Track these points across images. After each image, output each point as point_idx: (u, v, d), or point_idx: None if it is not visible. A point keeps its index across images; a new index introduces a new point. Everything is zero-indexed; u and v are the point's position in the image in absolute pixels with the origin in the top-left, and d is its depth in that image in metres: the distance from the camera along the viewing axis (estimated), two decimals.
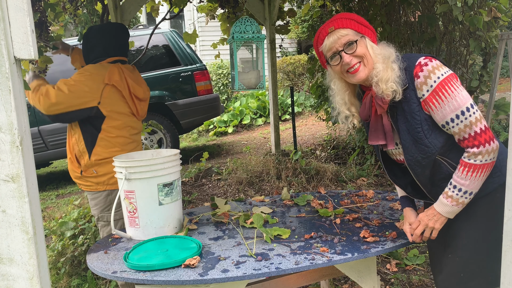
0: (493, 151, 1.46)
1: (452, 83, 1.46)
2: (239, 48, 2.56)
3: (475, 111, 1.45)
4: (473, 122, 1.45)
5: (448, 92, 1.45)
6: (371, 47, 1.55)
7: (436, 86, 1.46)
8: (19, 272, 1.10)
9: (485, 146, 1.45)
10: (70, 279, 3.24)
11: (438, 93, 1.46)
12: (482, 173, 1.47)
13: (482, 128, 1.45)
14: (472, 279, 1.59)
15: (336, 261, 1.64)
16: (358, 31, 1.56)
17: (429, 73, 1.47)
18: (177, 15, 4.47)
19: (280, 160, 4.93)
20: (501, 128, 4.80)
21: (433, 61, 1.49)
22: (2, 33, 1.01)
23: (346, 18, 1.57)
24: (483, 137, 1.45)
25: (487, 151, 1.45)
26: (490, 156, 1.47)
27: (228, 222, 2.16)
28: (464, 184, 1.49)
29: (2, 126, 1.04)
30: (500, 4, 3.57)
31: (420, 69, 1.48)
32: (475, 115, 1.45)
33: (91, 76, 2.37)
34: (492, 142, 1.46)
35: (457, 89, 1.46)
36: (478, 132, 1.45)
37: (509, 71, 3.93)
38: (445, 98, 1.46)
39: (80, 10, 4.38)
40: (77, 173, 2.49)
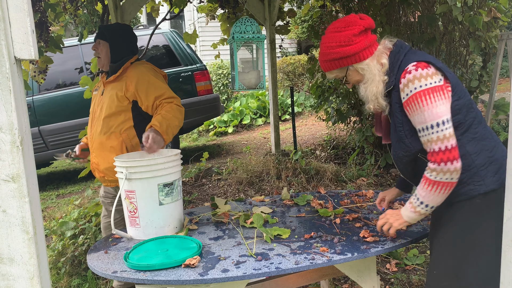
0: (450, 172, 1.48)
1: (429, 96, 1.48)
2: (239, 48, 2.57)
3: (444, 129, 1.48)
4: (436, 139, 1.49)
5: (420, 104, 1.49)
6: (361, 69, 1.63)
7: (412, 95, 1.51)
8: (20, 272, 1.10)
9: (440, 165, 1.48)
10: (71, 279, 3.24)
11: (412, 102, 1.51)
12: (438, 189, 1.52)
13: (445, 147, 1.48)
14: (444, 279, 1.61)
15: (336, 261, 1.64)
16: (342, 65, 1.63)
17: (408, 82, 1.51)
18: (177, 16, 4.47)
19: (280, 160, 4.94)
20: (501, 128, 4.81)
21: (421, 69, 1.50)
22: (2, 33, 1.02)
23: (325, 60, 1.66)
24: (440, 156, 1.48)
25: (442, 170, 1.49)
26: (446, 176, 1.49)
27: (228, 222, 2.16)
28: (421, 195, 1.56)
29: (2, 126, 1.04)
30: (500, 4, 3.57)
31: (404, 75, 1.53)
32: (441, 133, 1.48)
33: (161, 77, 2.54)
34: (452, 163, 1.48)
35: (431, 104, 1.48)
36: (436, 150, 1.49)
37: (508, 71, 3.94)
38: (416, 109, 1.51)
39: (80, 10, 4.39)
40: None
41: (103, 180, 2.55)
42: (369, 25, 1.62)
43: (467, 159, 1.54)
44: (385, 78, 1.61)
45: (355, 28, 1.59)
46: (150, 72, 2.49)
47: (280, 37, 5.50)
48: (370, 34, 1.63)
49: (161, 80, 2.51)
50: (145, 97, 2.41)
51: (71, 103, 5.81)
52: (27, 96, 5.63)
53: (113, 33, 2.56)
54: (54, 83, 5.90)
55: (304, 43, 12.62)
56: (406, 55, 1.59)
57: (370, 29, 1.64)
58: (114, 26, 2.66)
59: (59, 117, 5.79)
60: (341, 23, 1.62)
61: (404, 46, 1.63)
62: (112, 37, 2.53)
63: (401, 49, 1.62)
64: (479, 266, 1.55)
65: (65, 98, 5.87)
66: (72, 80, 5.88)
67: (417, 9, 4.20)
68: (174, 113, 2.35)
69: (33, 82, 5.55)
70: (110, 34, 2.54)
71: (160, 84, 2.45)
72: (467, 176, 1.55)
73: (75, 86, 5.82)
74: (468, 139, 1.55)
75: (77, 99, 5.65)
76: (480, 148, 1.55)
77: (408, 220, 1.64)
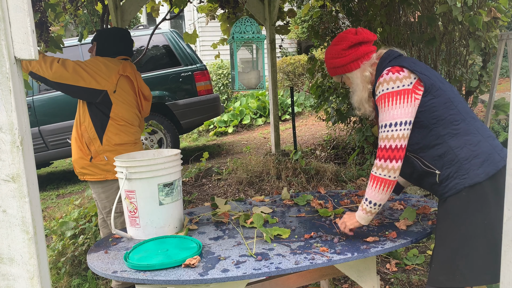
0: (388, 169, 1.64)
1: (391, 99, 1.64)
2: (239, 48, 2.57)
3: (395, 130, 1.63)
4: (385, 137, 1.65)
5: (382, 105, 1.66)
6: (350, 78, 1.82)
7: (379, 96, 1.68)
8: (20, 272, 1.10)
9: (381, 161, 1.65)
10: (71, 279, 3.24)
11: (379, 101, 1.68)
12: (378, 185, 1.66)
13: (390, 145, 1.63)
14: (441, 273, 1.68)
15: (336, 261, 1.64)
16: (336, 74, 1.85)
17: (379, 84, 1.68)
18: (177, 16, 4.47)
19: (280, 160, 4.94)
20: (501, 128, 4.81)
21: (392, 74, 1.65)
22: (2, 33, 1.02)
23: (328, 68, 1.87)
24: (383, 152, 1.65)
25: (382, 166, 1.65)
26: (384, 172, 1.64)
27: (228, 222, 2.16)
28: (367, 192, 1.72)
29: (2, 126, 1.05)
30: (500, 4, 3.57)
31: (380, 78, 1.69)
32: (391, 132, 1.63)
33: (105, 64, 2.54)
34: (391, 161, 1.62)
35: (390, 106, 1.64)
36: (382, 147, 1.65)
37: (508, 71, 3.94)
38: (380, 108, 1.68)
39: (80, 11, 4.39)
40: (86, 160, 2.56)
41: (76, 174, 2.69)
42: (362, 39, 1.77)
43: (450, 154, 1.64)
44: (369, 87, 1.79)
45: (344, 43, 1.78)
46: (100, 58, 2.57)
47: (280, 37, 5.51)
48: (363, 47, 1.78)
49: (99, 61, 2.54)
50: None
51: (71, 103, 5.77)
52: (27, 96, 5.62)
53: (101, 34, 2.75)
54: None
55: (304, 43, 12.62)
56: (390, 62, 1.73)
57: (365, 42, 1.78)
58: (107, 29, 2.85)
59: (59, 117, 5.78)
60: (337, 38, 1.82)
61: (392, 54, 1.77)
62: (98, 38, 2.72)
63: (388, 56, 1.76)
64: (472, 259, 1.61)
65: (65, 98, 5.82)
66: None
67: (417, 9, 4.20)
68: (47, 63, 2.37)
69: (33, 82, 5.55)
70: (98, 35, 2.74)
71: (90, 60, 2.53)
72: (452, 171, 1.64)
73: None
74: (450, 136, 1.65)
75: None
76: (463, 142, 1.64)
77: (359, 219, 1.77)
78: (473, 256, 1.61)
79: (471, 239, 1.61)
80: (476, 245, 1.60)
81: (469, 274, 1.61)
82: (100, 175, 2.58)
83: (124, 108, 2.59)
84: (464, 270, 1.62)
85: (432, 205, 2.18)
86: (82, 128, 2.57)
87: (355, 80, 1.80)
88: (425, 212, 2.09)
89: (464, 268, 1.62)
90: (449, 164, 1.64)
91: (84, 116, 2.58)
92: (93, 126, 2.54)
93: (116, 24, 3.69)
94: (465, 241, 1.62)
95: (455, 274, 1.63)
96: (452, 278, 1.64)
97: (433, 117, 1.64)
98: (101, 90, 2.50)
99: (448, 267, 1.65)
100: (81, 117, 2.60)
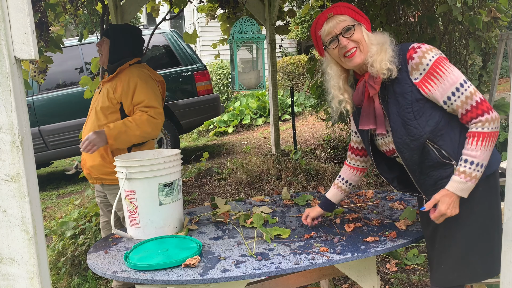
0: (497, 119, 1.51)
1: (445, 62, 1.55)
2: (239, 48, 2.57)
3: (470, 85, 1.53)
4: (473, 93, 1.52)
5: (444, 69, 1.53)
6: (366, 34, 1.63)
7: (432, 64, 1.53)
8: (20, 272, 1.10)
9: (489, 114, 1.50)
10: (71, 279, 3.24)
11: (435, 70, 1.53)
12: (490, 141, 1.51)
13: (480, 99, 1.52)
14: (452, 272, 1.63)
15: (336, 261, 1.64)
16: (355, 18, 1.64)
17: (423, 54, 1.54)
18: (177, 16, 4.47)
19: (280, 160, 4.94)
20: (501, 128, 4.81)
21: (425, 45, 1.56)
22: (2, 33, 1.02)
23: (344, 6, 1.66)
24: (484, 105, 1.51)
25: (492, 118, 1.50)
26: (495, 124, 1.51)
27: (228, 222, 2.16)
28: (476, 156, 1.50)
29: (2, 126, 1.05)
30: (500, 4, 3.57)
31: (414, 51, 1.56)
32: (471, 87, 1.52)
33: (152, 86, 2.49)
34: (491, 111, 1.52)
35: (450, 67, 1.54)
36: (479, 101, 1.51)
37: (508, 71, 3.94)
38: (443, 74, 1.53)
39: (80, 11, 4.39)
40: (109, 168, 2.43)
41: (89, 177, 2.57)
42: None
43: None
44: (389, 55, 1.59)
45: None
46: (142, 77, 2.46)
47: (280, 37, 5.50)
48: None
49: (150, 87, 2.46)
50: (127, 101, 2.41)
51: (71, 103, 5.80)
52: (27, 96, 5.62)
53: (116, 32, 2.57)
54: (54, 83, 5.91)
55: (304, 43, 12.62)
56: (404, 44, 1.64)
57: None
58: (120, 25, 2.68)
59: (59, 117, 5.79)
60: None
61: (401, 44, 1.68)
62: (114, 36, 2.54)
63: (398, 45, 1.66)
64: (486, 253, 1.59)
65: (65, 98, 5.87)
66: (72, 80, 5.88)
67: (417, 9, 4.20)
68: (138, 122, 2.34)
69: (33, 82, 5.55)
70: (112, 33, 2.56)
71: (145, 90, 2.41)
72: None
73: (75, 86, 5.82)
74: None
75: (77, 99, 5.64)
76: None
77: (462, 195, 1.53)
78: (487, 251, 1.58)
79: (486, 234, 1.58)
80: (490, 239, 1.58)
81: (481, 269, 1.59)
82: None
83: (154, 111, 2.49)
84: (477, 266, 1.59)
85: None
86: None
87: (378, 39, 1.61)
88: None
89: (478, 264, 1.59)
90: None
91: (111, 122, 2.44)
92: None
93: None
94: (479, 236, 1.58)
95: (467, 270, 1.60)
96: (463, 274, 1.61)
97: None
98: None
99: (460, 265, 1.61)
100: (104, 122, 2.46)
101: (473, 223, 1.59)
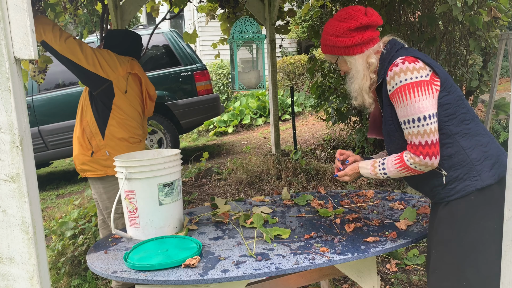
0: (427, 165, 1.53)
1: (414, 90, 1.49)
2: (239, 48, 2.56)
3: (426, 124, 1.49)
4: (417, 133, 1.51)
5: (404, 98, 1.51)
6: (349, 62, 1.67)
7: (397, 87, 1.52)
8: (19, 272, 1.10)
9: (419, 157, 1.52)
10: (70, 279, 3.24)
11: (398, 94, 1.52)
12: (407, 172, 1.59)
13: (426, 141, 1.50)
14: (446, 279, 1.60)
15: (336, 261, 1.64)
16: (332, 54, 1.70)
17: (394, 75, 1.52)
18: (177, 15, 4.47)
19: (280, 160, 4.93)
20: (501, 128, 4.80)
21: (408, 63, 1.51)
22: (2, 33, 1.02)
23: (322, 43, 1.73)
24: (420, 149, 1.52)
25: (421, 162, 1.52)
26: (422, 167, 1.54)
27: (228, 222, 2.16)
28: (389, 170, 1.62)
29: (2, 126, 1.04)
30: (500, 4, 3.57)
31: (391, 68, 1.54)
32: (422, 127, 1.50)
33: (116, 57, 2.59)
34: (430, 158, 1.51)
35: (415, 98, 1.49)
36: (416, 143, 1.52)
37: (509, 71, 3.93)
38: (400, 102, 1.52)
39: (80, 10, 4.38)
40: (87, 155, 2.57)
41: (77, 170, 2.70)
42: (372, 22, 1.62)
43: (462, 154, 1.54)
44: (373, 76, 1.64)
45: (352, 23, 1.60)
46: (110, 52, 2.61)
47: (280, 37, 5.50)
48: (369, 32, 1.63)
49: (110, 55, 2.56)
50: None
51: (71, 103, 5.79)
52: (27, 96, 5.62)
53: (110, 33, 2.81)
54: (54, 83, 5.90)
55: (304, 43, 12.62)
56: (398, 51, 1.60)
57: (373, 26, 1.63)
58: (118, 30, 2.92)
59: (59, 117, 5.79)
60: (343, 13, 1.64)
61: (397, 44, 1.64)
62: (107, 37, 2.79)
63: (394, 45, 1.63)
64: (479, 265, 1.54)
65: (65, 98, 5.87)
66: (72, 80, 5.88)
67: (417, 9, 4.19)
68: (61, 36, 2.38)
69: (32, 82, 5.54)
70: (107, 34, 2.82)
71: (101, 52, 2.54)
72: (463, 172, 1.55)
73: (75, 86, 5.82)
74: (462, 135, 1.55)
75: (77, 99, 5.62)
76: (475, 143, 1.55)
77: (362, 172, 1.75)
78: (482, 263, 1.53)
79: (481, 245, 1.53)
80: (486, 251, 1.52)
81: (476, 281, 1.54)
82: (101, 171, 2.57)
83: (127, 103, 2.60)
84: (471, 277, 1.54)
85: None
86: (84, 123, 2.58)
87: (356, 66, 1.64)
88: (426, 212, 2.08)
89: (472, 275, 1.54)
90: (459, 165, 1.54)
91: (86, 110, 2.60)
92: (95, 121, 2.55)
93: (116, 23, 3.68)
94: (474, 247, 1.54)
95: (461, 281, 1.56)
96: (457, 285, 1.57)
97: (445, 114, 1.53)
98: (105, 79, 2.50)
99: (454, 273, 1.58)
100: (83, 112, 2.62)
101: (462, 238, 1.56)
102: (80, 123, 2.62)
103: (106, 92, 2.53)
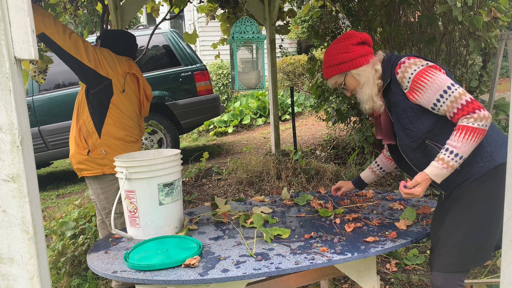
0: (485, 118, 1.57)
1: (428, 72, 1.66)
2: (239, 48, 2.57)
3: (457, 88, 1.62)
4: (459, 95, 1.60)
5: (426, 79, 1.65)
6: (357, 75, 1.81)
7: (414, 78, 1.67)
8: (20, 272, 1.10)
9: (476, 112, 1.57)
10: (71, 279, 3.24)
11: (418, 82, 1.66)
12: (474, 136, 1.58)
13: (468, 99, 1.59)
14: (448, 257, 1.70)
15: (336, 261, 1.64)
16: (341, 72, 1.83)
17: (405, 69, 1.70)
18: (177, 16, 4.47)
19: (280, 160, 4.94)
20: (501, 128, 4.80)
21: (411, 59, 1.71)
22: (2, 33, 1.02)
23: (327, 67, 1.86)
24: (475, 104, 1.59)
25: (479, 116, 1.57)
26: (484, 122, 1.58)
27: (228, 222, 2.16)
28: (456, 147, 1.59)
29: (2, 126, 1.05)
30: (500, 4, 3.57)
31: (399, 67, 1.72)
32: (458, 90, 1.61)
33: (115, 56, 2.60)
34: (482, 110, 1.58)
35: (434, 75, 1.65)
36: (464, 103, 1.59)
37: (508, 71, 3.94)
38: (425, 84, 1.65)
39: (80, 11, 4.39)
40: (83, 154, 2.56)
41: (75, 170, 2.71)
42: (366, 39, 1.82)
43: None
44: (379, 82, 1.80)
45: (353, 39, 1.80)
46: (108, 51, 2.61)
47: (280, 37, 5.51)
48: (366, 47, 1.82)
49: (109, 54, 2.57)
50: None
51: (71, 103, 5.77)
52: (27, 96, 5.62)
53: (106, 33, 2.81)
54: (54, 83, 5.90)
55: (304, 43, 12.62)
56: (397, 57, 1.78)
57: (367, 43, 1.83)
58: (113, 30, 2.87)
59: (59, 117, 5.78)
60: (341, 36, 1.85)
61: (394, 55, 1.83)
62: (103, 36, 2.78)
63: (392, 55, 1.82)
64: (484, 243, 1.66)
65: (65, 98, 5.87)
66: (72, 80, 5.88)
67: (417, 9, 4.20)
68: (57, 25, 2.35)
69: (32, 82, 5.54)
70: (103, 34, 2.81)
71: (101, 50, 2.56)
72: (475, 155, 1.65)
73: (75, 86, 5.82)
74: None
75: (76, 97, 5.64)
76: None
77: (434, 177, 1.64)
78: (486, 241, 1.65)
79: (489, 224, 1.64)
80: (492, 229, 1.64)
81: (477, 257, 1.66)
82: (97, 169, 2.56)
83: (125, 102, 2.60)
84: (474, 254, 1.66)
85: (432, 205, 2.18)
86: (80, 122, 2.58)
87: (365, 75, 1.79)
88: (425, 212, 2.09)
89: (475, 253, 1.66)
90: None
91: (83, 109, 2.60)
92: (92, 119, 2.55)
93: (116, 24, 3.69)
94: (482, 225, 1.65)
95: (464, 257, 1.67)
96: (461, 261, 1.67)
97: None
98: (104, 78, 2.50)
99: (458, 251, 1.68)
100: (79, 111, 2.62)
101: (475, 212, 1.67)
102: (76, 122, 2.62)
103: (105, 91, 2.53)
